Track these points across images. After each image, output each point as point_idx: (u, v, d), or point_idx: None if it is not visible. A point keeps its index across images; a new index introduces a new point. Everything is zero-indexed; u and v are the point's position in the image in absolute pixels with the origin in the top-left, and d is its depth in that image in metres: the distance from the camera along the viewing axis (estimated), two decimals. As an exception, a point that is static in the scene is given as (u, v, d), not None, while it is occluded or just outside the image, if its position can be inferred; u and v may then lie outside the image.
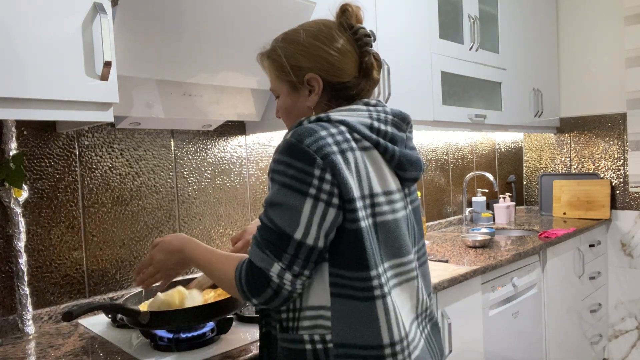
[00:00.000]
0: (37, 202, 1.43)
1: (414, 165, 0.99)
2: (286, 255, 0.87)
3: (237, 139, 1.92)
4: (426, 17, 2.24)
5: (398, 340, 0.91)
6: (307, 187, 0.86)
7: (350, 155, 0.90)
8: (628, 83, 3.01)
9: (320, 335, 0.91)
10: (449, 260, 2.02)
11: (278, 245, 0.88)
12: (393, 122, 0.97)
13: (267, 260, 0.88)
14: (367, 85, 1.01)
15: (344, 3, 0.99)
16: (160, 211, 1.70)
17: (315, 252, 0.88)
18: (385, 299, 0.90)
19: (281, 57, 0.99)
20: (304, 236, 0.87)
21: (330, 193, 0.87)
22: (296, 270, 0.88)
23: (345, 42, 0.97)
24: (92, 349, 1.24)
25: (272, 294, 0.89)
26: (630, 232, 3.08)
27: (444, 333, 1.73)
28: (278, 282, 0.88)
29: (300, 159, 0.87)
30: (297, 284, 0.89)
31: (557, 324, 2.50)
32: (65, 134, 1.49)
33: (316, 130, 0.89)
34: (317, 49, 0.96)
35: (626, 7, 2.99)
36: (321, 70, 0.96)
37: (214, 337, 1.25)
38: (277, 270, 0.88)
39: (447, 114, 2.35)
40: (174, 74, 1.45)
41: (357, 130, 0.92)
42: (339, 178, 0.87)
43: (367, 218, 0.91)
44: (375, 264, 0.90)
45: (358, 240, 0.89)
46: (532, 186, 3.57)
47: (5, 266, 1.38)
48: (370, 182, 0.92)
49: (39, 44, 1.08)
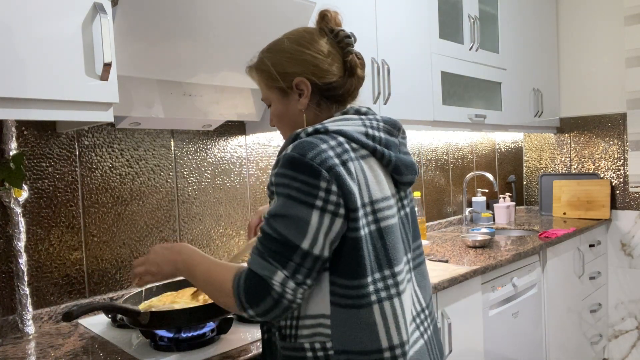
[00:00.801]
0: (37, 202, 1.43)
1: (410, 169, 1.02)
2: (291, 264, 0.87)
3: (237, 139, 1.92)
4: (426, 17, 2.24)
5: (397, 344, 0.92)
6: (313, 199, 0.87)
7: (351, 165, 0.92)
8: (628, 83, 3.01)
9: (320, 343, 0.92)
10: (449, 260, 2.02)
11: (283, 254, 0.87)
12: (384, 128, 1.00)
13: (270, 269, 0.87)
14: (353, 84, 1.04)
15: (322, 10, 1.04)
16: (160, 211, 1.70)
17: (319, 262, 0.89)
18: (382, 304, 0.91)
19: (269, 66, 1.03)
20: (311, 246, 0.87)
21: (337, 204, 0.88)
22: (299, 279, 0.87)
23: (328, 45, 1.01)
24: (92, 349, 1.24)
25: (272, 304, 0.87)
26: (630, 232, 3.08)
27: (444, 333, 1.74)
28: (280, 291, 0.86)
29: (304, 172, 0.88)
30: (298, 293, 0.88)
31: (557, 324, 2.50)
32: (65, 134, 1.49)
33: (317, 143, 0.90)
34: (301, 54, 1.00)
35: (626, 7, 2.99)
36: (308, 73, 1.00)
37: (214, 337, 1.25)
38: (280, 279, 0.87)
39: (447, 114, 2.35)
40: (174, 74, 1.45)
41: (354, 139, 0.94)
42: (344, 189, 0.88)
43: (369, 225, 0.92)
44: (372, 270, 0.91)
45: (357, 248, 0.90)
46: (532, 186, 3.57)
47: (5, 266, 1.38)
48: (370, 189, 0.93)
49: (39, 44, 1.08)
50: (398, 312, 0.93)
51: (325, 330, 0.92)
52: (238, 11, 1.41)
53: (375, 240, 0.93)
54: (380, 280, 0.92)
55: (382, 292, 0.92)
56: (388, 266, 0.94)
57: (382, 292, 0.92)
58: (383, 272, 0.93)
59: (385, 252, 0.94)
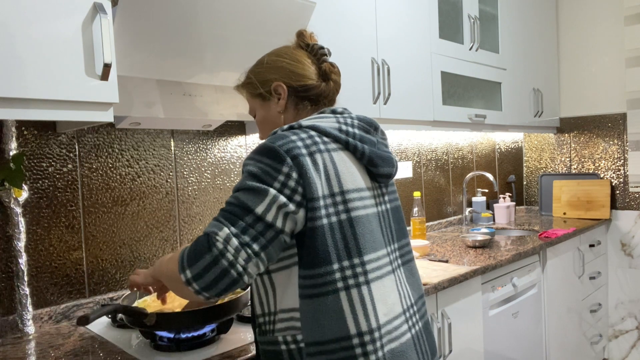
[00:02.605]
0: (37, 202, 1.43)
1: (386, 161, 1.05)
2: (240, 223, 0.88)
3: (237, 139, 1.92)
4: (426, 17, 2.24)
5: (366, 330, 0.92)
6: (272, 180, 0.91)
7: (319, 156, 0.96)
8: (628, 83, 3.01)
9: (292, 336, 0.94)
10: (449, 260, 2.02)
11: (235, 214, 0.89)
12: (359, 125, 1.05)
13: (217, 226, 0.87)
14: (328, 89, 1.11)
15: (299, 30, 1.15)
16: (160, 211, 1.70)
17: (270, 231, 0.89)
18: (350, 291, 0.93)
19: (251, 77, 1.13)
20: (264, 212, 0.89)
21: (294, 190, 0.91)
22: (245, 239, 0.86)
23: (304, 55, 1.11)
24: (92, 349, 1.24)
25: (211, 261, 0.84)
26: (630, 232, 3.08)
27: (444, 333, 1.73)
28: (221, 247, 0.85)
29: (270, 157, 0.93)
30: (241, 257, 0.85)
31: (557, 324, 2.50)
32: (65, 134, 1.49)
33: (288, 135, 0.96)
34: (279, 62, 1.10)
35: (626, 7, 2.99)
36: (284, 77, 1.09)
37: (214, 337, 1.25)
38: (224, 234, 0.86)
39: (447, 114, 2.35)
40: (174, 74, 1.45)
41: (326, 132, 1.00)
42: (305, 178, 0.92)
43: (339, 214, 0.95)
44: (339, 258, 0.93)
45: (320, 237, 0.92)
46: (532, 186, 3.57)
47: (5, 266, 1.38)
48: (340, 180, 0.97)
49: (39, 44, 1.08)
50: (366, 299, 0.94)
51: (296, 324, 0.94)
52: (238, 11, 1.41)
53: (346, 229, 0.95)
54: (348, 268, 0.94)
55: (350, 280, 0.93)
56: (358, 255, 0.95)
57: (350, 280, 0.93)
58: (352, 260, 0.94)
59: (355, 241, 0.95)
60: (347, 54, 1.87)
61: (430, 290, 1.65)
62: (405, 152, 2.66)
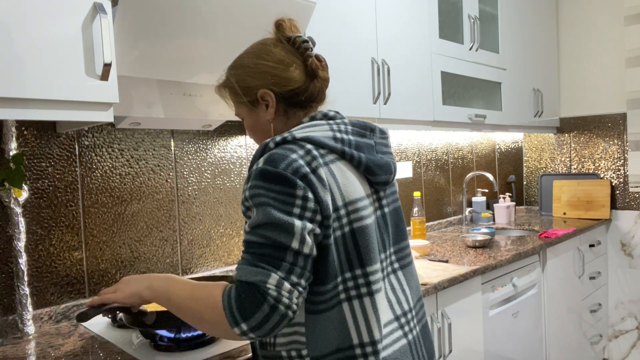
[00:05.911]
0: (37, 202, 1.43)
1: (383, 169, 1.01)
2: (284, 264, 0.85)
3: (237, 139, 1.92)
4: (426, 17, 2.24)
5: (368, 342, 0.92)
6: (291, 207, 0.87)
7: (322, 171, 0.91)
8: (628, 83, 3.01)
9: (296, 350, 0.93)
10: (449, 260, 2.02)
11: (275, 256, 0.85)
12: (353, 131, 1.00)
13: (263, 273, 0.84)
14: (317, 86, 1.04)
15: (277, 19, 1.06)
16: (160, 211, 1.70)
17: (310, 261, 0.88)
18: (352, 302, 0.92)
19: (233, 83, 1.05)
20: (300, 244, 0.86)
21: (315, 211, 0.88)
22: (294, 280, 0.85)
23: (286, 53, 1.03)
24: (92, 349, 1.24)
25: (269, 311, 0.83)
26: (630, 232, 3.08)
27: (444, 333, 1.73)
28: (275, 294, 0.83)
29: (279, 183, 0.87)
30: (294, 297, 0.85)
31: (557, 324, 2.50)
32: (65, 134, 1.49)
33: (286, 154, 0.90)
34: (261, 67, 1.02)
35: (626, 7, 2.99)
36: (270, 84, 1.02)
37: (214, 337, 1.25)
38: (275, 281, 0.83)
39: (447, 114, 2.35)
40: (174, 74, 1.45)
41: (322, 144, 0.94)
42: (318, 197, 0.89)
43: (343, 228, 0.92)
44: (342, 270, 0.92)
45: (330, 253, 0.90)
46: (532, 186, 3.57)
47: (5, 266, 1.38)
48: (342, 192, 0.93)
49: (39, 44, 1.08)
50: (369, 310, 0.93)
51: (300, 338, 0.93)
52: (238, 11, 1.41)
53: (348, 241, 0.93)
54: (350, 280, 0.93)
55: (352, 291, 0.92)
56: (360, 266, 0.94)
57: (352, 291, 0.92)
58: (354, 271, 0.93)
59: (357, 253, 0.94)
60: (347, 54, 1.87)
61: (430, 290, 1.65)
62: (405, 152, 2.66)
